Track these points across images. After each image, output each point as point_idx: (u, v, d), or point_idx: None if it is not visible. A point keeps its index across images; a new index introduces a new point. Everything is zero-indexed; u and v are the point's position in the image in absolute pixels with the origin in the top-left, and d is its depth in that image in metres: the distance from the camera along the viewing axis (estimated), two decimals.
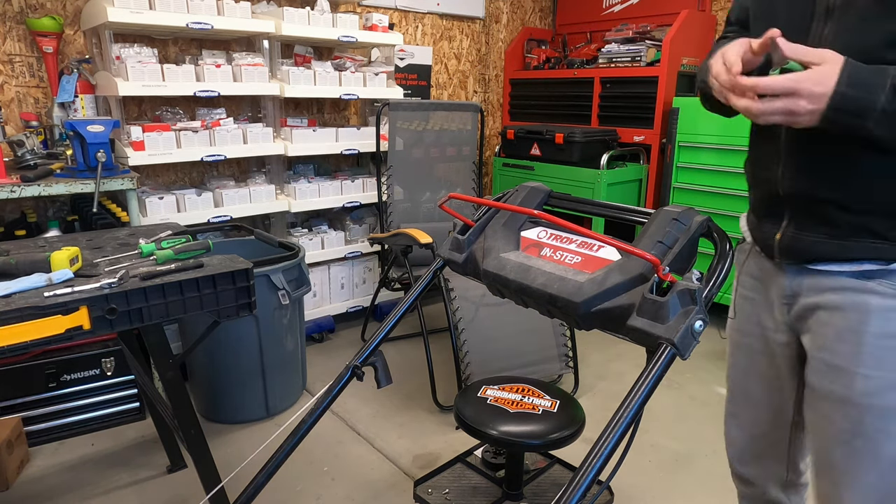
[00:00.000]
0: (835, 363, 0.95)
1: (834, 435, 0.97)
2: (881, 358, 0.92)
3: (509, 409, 1.72)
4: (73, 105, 2.51)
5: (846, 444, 0.96)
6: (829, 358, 0.96)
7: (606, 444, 0.68)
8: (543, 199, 1.05)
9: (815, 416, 1.02)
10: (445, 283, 2.48)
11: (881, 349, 0.92)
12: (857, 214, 0.90)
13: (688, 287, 0.74)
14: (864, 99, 0.77)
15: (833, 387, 0.96)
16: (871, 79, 0.78)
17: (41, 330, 1.21)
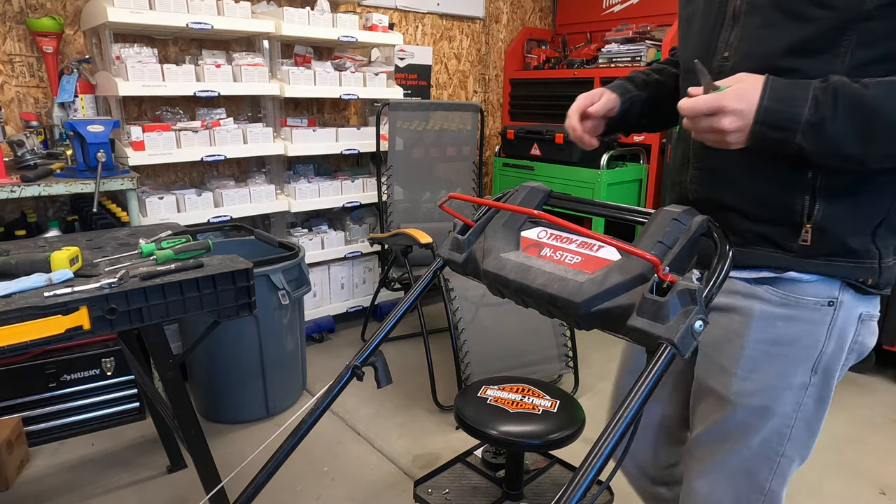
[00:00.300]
0: (718, 361, 1.00)
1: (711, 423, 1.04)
2: (756, 361, 0.96)
3: (509, 409, 1.72)
4: (73, 105, 2.51)
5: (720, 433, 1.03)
6: (714, 355, 1.01)
7: (606, 444, 0.68)
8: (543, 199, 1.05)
9: (697, 405, 1.08)
10: (445, 283, 2.48)
11: (758, 353, 0.96)
12: (756, 223, 0.92)
13: (688, 287, 0.74)
14: (788, 112, 0.77)
15: (713, 383, 1.02)
16: (793, 92, 0.78)
17: (41, 330, 1.21)
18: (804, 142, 0.78)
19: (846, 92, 0.76)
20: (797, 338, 0.94)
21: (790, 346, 0.94)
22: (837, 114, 0.76)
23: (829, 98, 0.76)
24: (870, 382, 2.83)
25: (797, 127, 0.77)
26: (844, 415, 2.53)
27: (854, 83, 0.77)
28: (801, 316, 0.93)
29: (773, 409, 0.97)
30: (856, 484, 2.11)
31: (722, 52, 0.92)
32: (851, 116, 0.76)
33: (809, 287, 0.92)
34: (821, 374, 0.96)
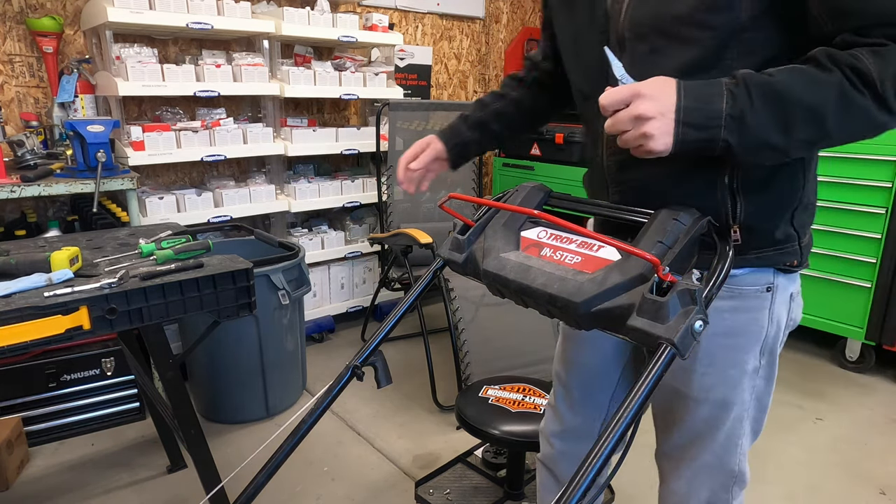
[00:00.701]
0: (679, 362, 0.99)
1: (678, 423, 1.06)
2: (713, 355, 0.99)
3: (511, 408, 1.72)
4: (73, 105, 2.51)
5: (686, 428, 1.06)
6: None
7: (606, 443, 0.68)
8: (543, 199, 1.05)
9: (661, 405, 1.10)
10: (445, 283, 2.48)
11: (713, 347, 0.98)
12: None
13: (688, 287, 0.74)
14: (707, 108, 0.77)
15: (675, 383, 1.04)
16: (706, 89, 0.79)
17: (41, 330, 1.21)
18: (730, 136, 0.78)
19: (756, 81, 0.77)
20: (744, 326, 0.98)
21: (739, 335, 0.99)
22: (754, 103, 0.76)
23: (742, 90, 0.77)
24: (870, 382, 2.83)
25: (719, 122, 0.77)
26: (844, 415, 2.54)
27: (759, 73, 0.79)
28: (744, 305, 0.97)
29: (733, 398, 1.01)
30: (856, 484, 2.11)
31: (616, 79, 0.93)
32: (767, 104, 0.76)
33: (746, 277, 0.96)
34: (767, 355, 1.01)
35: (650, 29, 0.88)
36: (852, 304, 2.81)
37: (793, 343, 3.19)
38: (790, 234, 0.95)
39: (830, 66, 0.76)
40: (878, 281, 2.71)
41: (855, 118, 0.77)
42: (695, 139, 0.79)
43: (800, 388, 2.74)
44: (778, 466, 2.19)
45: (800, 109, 0.76)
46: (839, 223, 2.80)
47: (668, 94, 0.79)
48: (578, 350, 1.22)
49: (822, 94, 0.75)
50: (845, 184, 2.75)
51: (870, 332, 2.77)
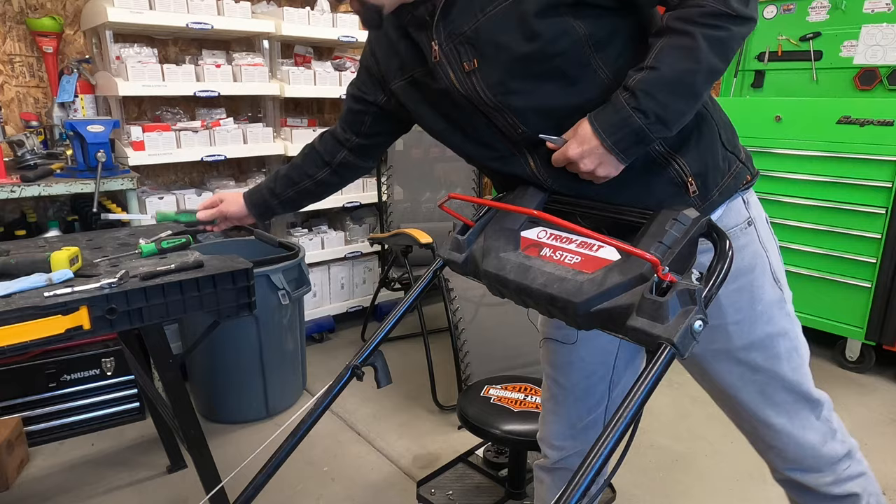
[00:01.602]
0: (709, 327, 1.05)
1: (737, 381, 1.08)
2: (735, 302, 1.03)
3: (513, 408, 1.72)
4: (73, 105, 2.51)
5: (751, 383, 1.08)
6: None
7: (606, 443, 0.68)
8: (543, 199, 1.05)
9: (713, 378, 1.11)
10: (445, 283, 2.48)
11: (731, 295, 1.02)
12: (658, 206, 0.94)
13: (687, 287, 0.74)
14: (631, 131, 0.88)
15: (715, 346, 1.06)
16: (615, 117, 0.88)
17: (41, 330, 1.21)
18: (660, 132, 0.89)
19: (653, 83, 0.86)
20: (746, 263, 1.03)
21: (746, 273, 1.03)
22: (664, 102, 0.86)
23: (646, 100, 0.86)
24: (870, 382, 2.83)
25: (645, 132, 0.88)
26: (844, 415, 2.52)
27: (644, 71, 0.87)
28: (738, 244, 1.00)
29: (774, 330, 1.05)
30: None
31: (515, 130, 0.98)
32: (672, 95, 0.87)
33: (725, 218, 1.02)
34: (780, 279, 1.07)
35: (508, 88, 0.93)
36: (852, 304, 2.81)
37: None
38: (729, 157, 1.02)
39: (688, 27, 0.85)
40: (878, 281, 2.71)
41: (731, 47, 0.87)
42: (635, 151, 0.91)
43: None
44: None
45: (692, 78, 0.87)
46: (839, 223, 2.80)
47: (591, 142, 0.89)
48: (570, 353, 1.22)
49: (700, 54, 0.85)
50: (845, 184, 2.74)
51: (870, 332, 2.77)
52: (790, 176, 2.90)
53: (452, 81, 0.97)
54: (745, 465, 2.18)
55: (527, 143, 0.99)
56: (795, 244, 2.94)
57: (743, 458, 2.21)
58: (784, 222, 2.94)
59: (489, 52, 0.92)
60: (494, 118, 0.98)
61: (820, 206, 2.84)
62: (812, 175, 2.84)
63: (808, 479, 1.13)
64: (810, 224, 2.89)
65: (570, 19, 0.88)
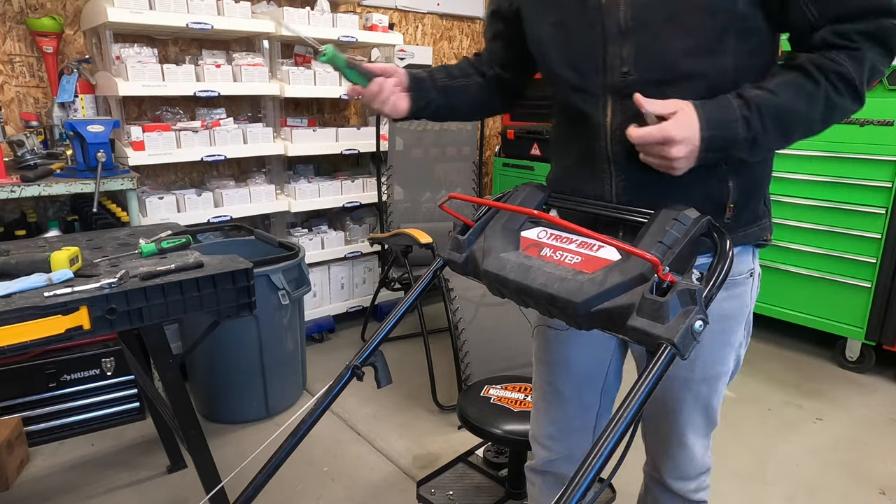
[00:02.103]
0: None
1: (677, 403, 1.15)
2: (712, 339, 1.07)
3: (513, 408, 1.72)
4: (73, 105, 2.51)
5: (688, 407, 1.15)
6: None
7: (607, 443, 0.68)
8: (543, 199, 1.05)
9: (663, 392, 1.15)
10: (445, 283, 2.48)
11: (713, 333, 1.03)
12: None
13: (688, 287, 0.74)
14: (727, 136, 0.87)
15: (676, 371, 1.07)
16: (723, 115, 0.87)
17: (41, 330, 1.21)
18: (742, 154, 0.90)
19: (768, 105, 0.87)
20: (734, 310, 1.08)
21: (730, 318, 1.08)
22: (766, 127, 0.88)
23: (755, 115, 0.87)
24: (870, 382, 2.83)
25: (736, 146, 0.88)
26: (844, 415, 2.54)
27: (763, 91, 0.88)
28: (734, 292, 1.06)
29: (724, 370, 1.13)
30: (856, 484, 2.11)
31: (619, 68, 0.95)
32: (775, 124, 0.88)
33: (735, 267, 1.03)
34: (747, 327, 1.13)
35: (656, 17, 0.91)
36: (852, 304, 2.81)
37: (793, 343, 3.19)
38: (764, 211, 1.06)
39: (818, 75, 0.87)
40: (878, 281, 2.71)
41: (836, 115, 0.90)
42: (711, 157, 0.89)
43: (800, 388, 2.74)
44: (778, 466, 2.19)
45: (798, 122, 0.89)
46: (839, 223, 2.80)
47: (693, 130, 0.86)
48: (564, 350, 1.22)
49: (815, 104, 0.88)
50: (845, 184, 2.74)
51: (870, 332, 2.77)
52: (790, 176, 2.90)
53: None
54: (745, 464, 2.18)
55: (618, 92, 0.96)
56: (795, 244, 2.94)
57: (743, 457, 2.21)
58: (784, 222, 2.94)
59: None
60: (609, 45, 0.95)
61: (820, 206, 2.84)
62: (812, 175, 2.84)
63: (679, 485, 1.23)
64: (810, 224, 2.89)
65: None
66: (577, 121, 1.04)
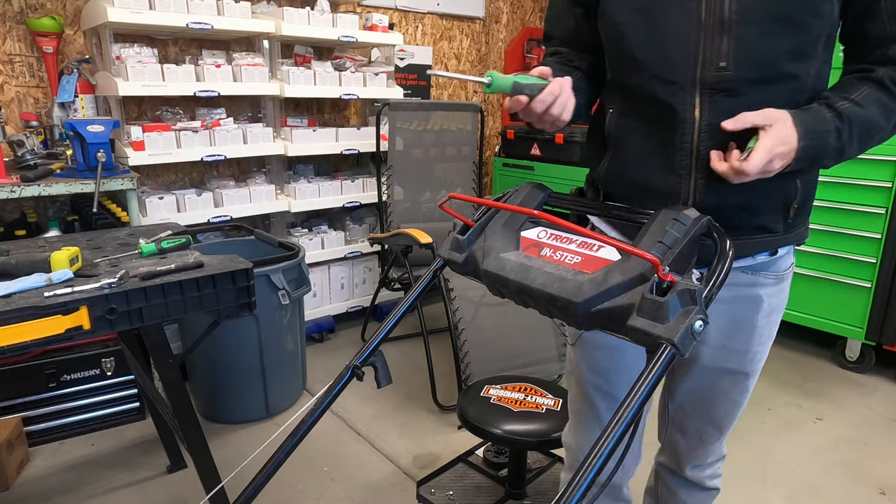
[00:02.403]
0: (731, 346, 1.12)
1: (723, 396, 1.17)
2: (764, 334, 1.12)
3: (513, 408, 1.72)
4: (73, 105, 2.51)
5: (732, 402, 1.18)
6: (726, 342, 1.11)
7: (607, 443, 0.68)
8: (543, 198, 1.05)
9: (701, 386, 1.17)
10: (445, 283, 2.48)
11: (764, 327, 1.11)
12: (757, 216, 1.01)
13: (688, 287, 0.74)
14: (820, 146, 0.90)
15: (728, 364, 1.14)
16: (818, 126, 0.89)
17: (41, 330, 1.21)
18: (829, 163, 0.94)
19: (857, 118, 0.90)
20: (781, 302, 1.13)
21: (778, 311, 1.13)
22: (853, 139, 0.91)
23: (846, 127, 0.90)
24: (870, 382, 2.83)
25: (826, 154, 0.91)
26: (844, 415, 2.53)
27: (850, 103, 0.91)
28: (782, 286, 1.11)
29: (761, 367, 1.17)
30: (856, 484, 2.11)
31: (716, 62, 0.91)
32: (861, 137, 0.91)
33: (783, 261, 1.09)
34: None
35: (765, 12, 0.89)
36: (852, 304, 2.81)
37: (793, 343, 3.19)
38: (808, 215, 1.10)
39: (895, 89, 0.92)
40: (878, 281, 2.71)
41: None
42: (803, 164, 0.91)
43: (800, 388, 2.74)
44: (778, 466, 2.19)
45: (876, 134, 0.94)
46: (839, 223, 2.80)
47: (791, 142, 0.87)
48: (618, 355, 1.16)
49: (892, 117, 0.93)
50: (845, 184, 2.74)
51: (870, 332, 2.77)
52: None
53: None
54: (745, 464, 2.18)
55: (711, 87, 0.93)
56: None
57: (743, 457, 2.21)
58: None
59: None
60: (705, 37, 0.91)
61: (820, 205, 2.84)
62: None
63: (695, 473, 1.26)
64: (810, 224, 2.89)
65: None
66: (655, 111, 0.99)
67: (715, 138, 0.93)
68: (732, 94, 0.92)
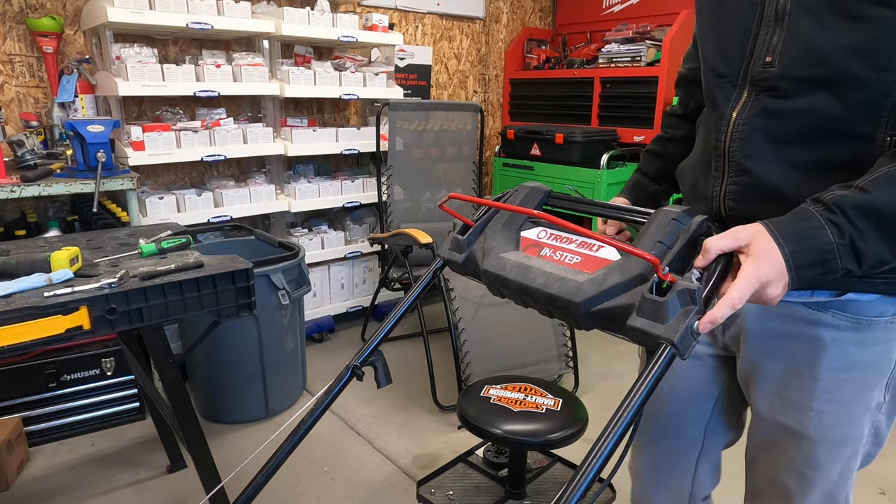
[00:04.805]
0: (788, 396, 0.95)
1: (785, 462, 0.99)
2: (834, 392, 0.92)
3: (513, 408, 1.72)
4: (73, 105, 2.51)
5: (797, 472, 0.98)
6: (782, 390, 0.95)
7: (607, 443, 0.68)
8: (543, 199, 1.05)
9: (764, 441, 1.02)
10: (445, 283, 2.48)
11: (834, 383, 0.91)
12: None
13: (687, 287, 0.74)
14: (814, 245, 0.74)
15: (785, 419, 0.96)
16: (801, 224, 0.75)
17: (41, 330, 1.21)
18: (849, 265, 0.74)
19: (852, 204, 0.74)
20: (872, 360, 0.91)
21: (865, 369, 0.91)
22: (858, 227, 0.73)
23: (840, 217, 0.73)
24: None
25: (833, 255, 0.73)
26: None
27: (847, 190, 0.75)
28: (872, 337, 0.89)
29: (852, 436, 0.94)
30: (856, 484, 2.11)
31: (763, 57, 0.85)
32: (871, 225, 0.73)
33: (874, 306, 0.88)
34: (892, 390, 0.94)
35: (824, 2, 0.79)
36: None
37: None
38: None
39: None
40: None
41: None
42: (812, 276, 0.75)
43: None
44: None
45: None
46: None
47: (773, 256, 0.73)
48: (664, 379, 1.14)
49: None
50: None
51: None
52: None
53: None
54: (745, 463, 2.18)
55: (756, 83, 0.86)
56: None
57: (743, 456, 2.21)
58: None
59: None
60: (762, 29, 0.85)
61: None
62: None
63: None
64: None
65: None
66: (709, 109, 0.95)
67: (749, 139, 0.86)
68: (776, 93, 0.84)
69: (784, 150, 0.85)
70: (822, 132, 0.82)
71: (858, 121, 0.80)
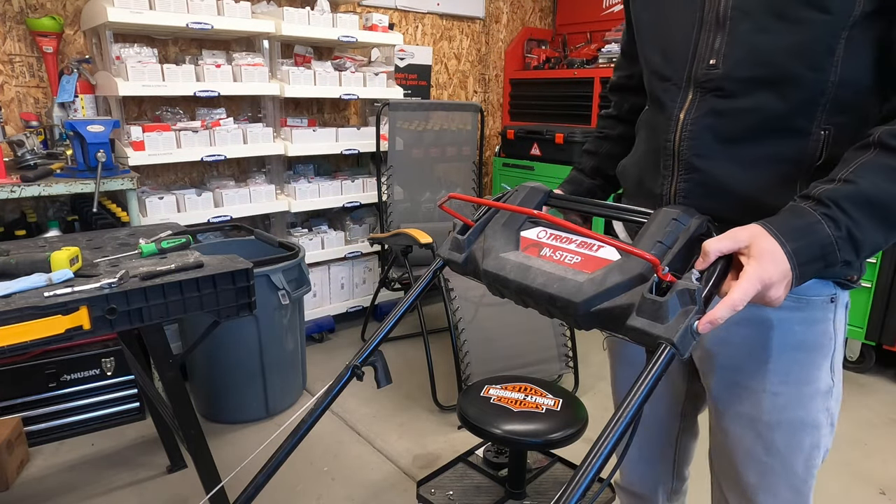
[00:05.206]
0: (743, 382, 0.96)
1: (745, 455, 0.99)
2: (784, 373, 0.93)
3: (513, 408, 1.72)
4: (73, 105, 2.51)
5: (759, 463, 0.98)
6: (737, 378, 0.97)
7: (606, 443, 0.68)
8: (543, 198, 1.05)
9: (723, 437, 1.02)
10: (445, 283, 2.48)
11: (783, 363, 0.93)
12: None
13: (687, 287, 0.74)
14: (815, 242, 0.75)
15: (742, 408, 0.97)
16: (799, 221, 0.76)
17: (41, 330, 1.21)
18: (848, 256, 0.75)
19: (843, 195, 0.75)
20: (815, 339, 0.93)
21: (811, 349, 0.93)
22: (853, 217, 0.75)
23: (835, 210, 0.75)
24: (870, 382, 2.83)
25: (833, 248, 0.74)
26: (844, 415, 2.52)
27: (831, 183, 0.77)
28: (813, 316, 0.92)
29: (808, 419, 0.95)
30: (856, 484, 2.11)
31: (707, 60, 0.88)
32: (866, 214, 0.75)
33: (812, 287, 0.90)
34: (836, 373, 0.96)
35: (760, 6, 0.82)
36: (852, 304, 2.81)
37: None
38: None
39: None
40: (878, 281, 2.71)
41: None
42: (814, 271, 0.76)
43: None
44: None
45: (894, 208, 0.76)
46: None
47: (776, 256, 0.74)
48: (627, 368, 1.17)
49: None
50: None
51: (870, 332, 2.77)
52: None
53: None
54: None
55: (700, 87, 0.89)
56: None
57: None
58: None
59: None
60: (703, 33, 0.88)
61: None
62: None
63: None
64: None
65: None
66: (654, 110, 0.99)
67: (697, 139, 0.89)
68: (722, 93, 0.87)
69: (732, 147, 0.88)
70: (766, 129, 0.86)
71: (797, 117, 0.85)
